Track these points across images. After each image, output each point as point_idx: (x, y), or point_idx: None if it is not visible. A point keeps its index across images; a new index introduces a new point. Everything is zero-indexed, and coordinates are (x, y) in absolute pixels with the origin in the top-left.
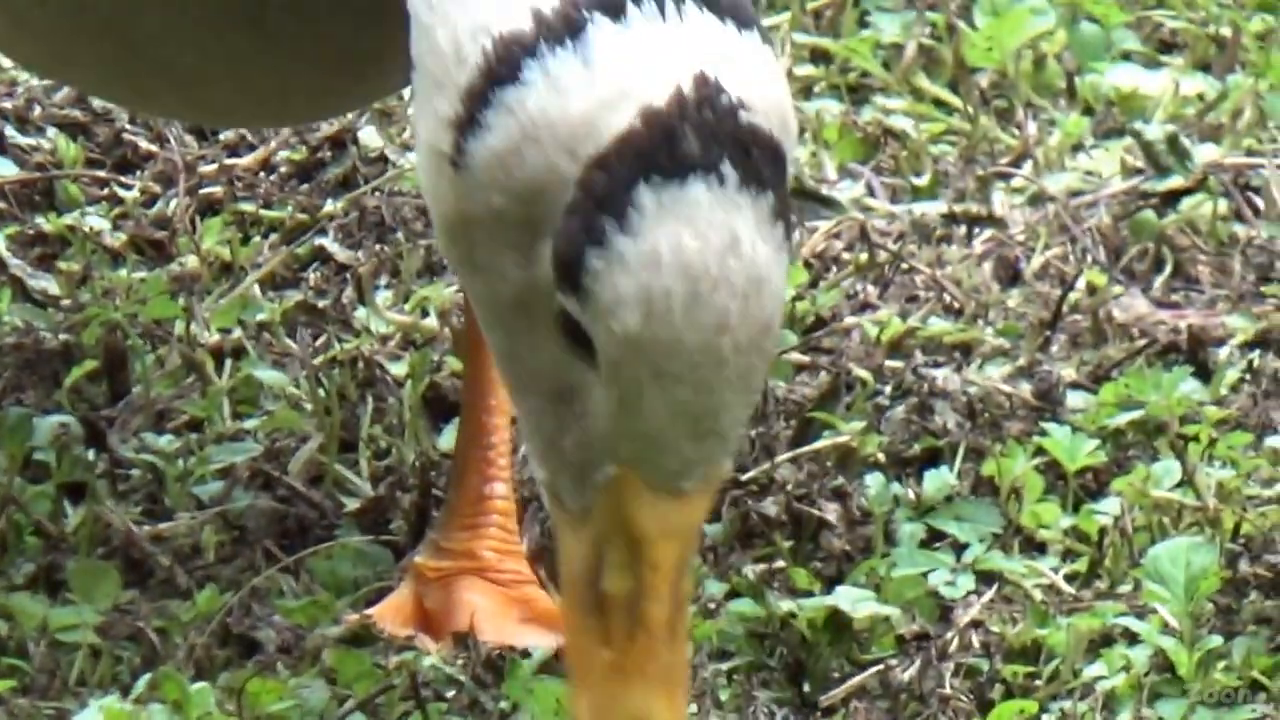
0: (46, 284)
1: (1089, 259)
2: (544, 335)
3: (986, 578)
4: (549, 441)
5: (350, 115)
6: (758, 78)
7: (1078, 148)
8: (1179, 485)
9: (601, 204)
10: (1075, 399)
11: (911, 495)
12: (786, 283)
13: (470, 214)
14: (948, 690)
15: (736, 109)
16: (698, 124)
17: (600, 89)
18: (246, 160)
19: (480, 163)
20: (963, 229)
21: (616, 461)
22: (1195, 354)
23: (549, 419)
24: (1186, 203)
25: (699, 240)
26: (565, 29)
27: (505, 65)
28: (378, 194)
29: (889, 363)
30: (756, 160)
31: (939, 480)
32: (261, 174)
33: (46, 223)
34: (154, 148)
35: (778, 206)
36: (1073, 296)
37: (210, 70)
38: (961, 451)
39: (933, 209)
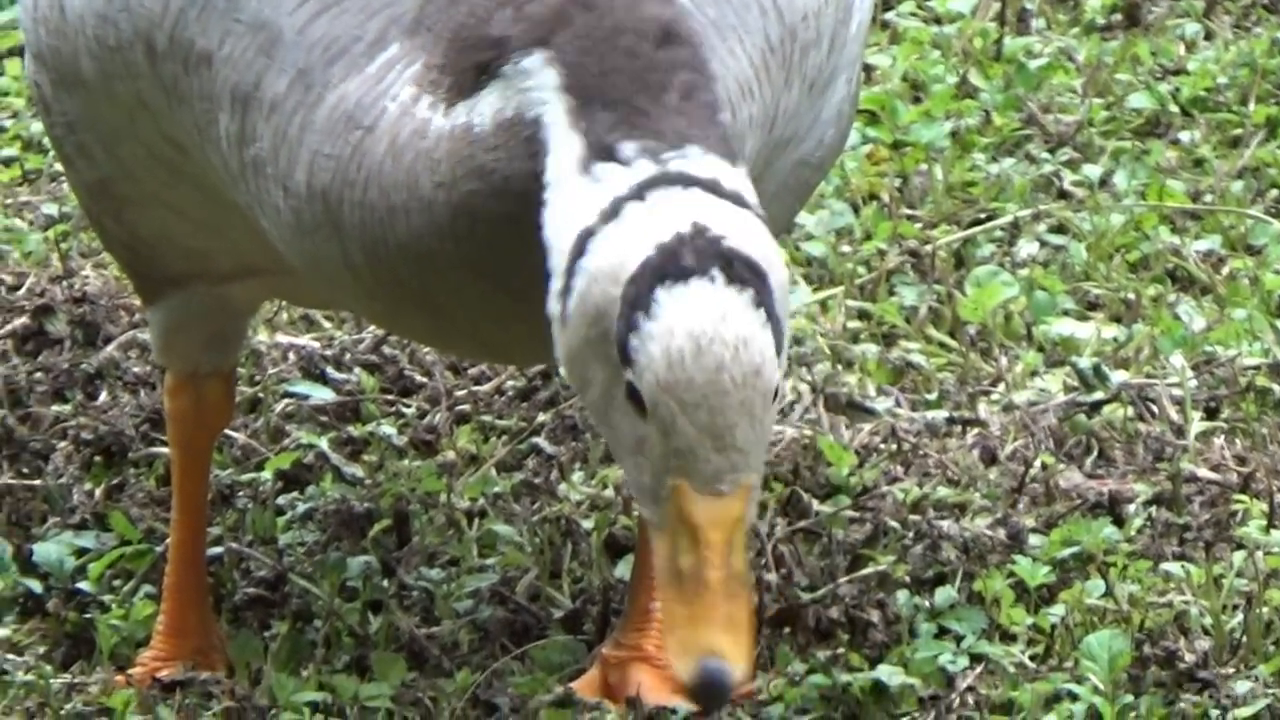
0: (355, 470)
1: (1042, 447)
2: (621, 409)
3: (977, 658)
4: (637, 482)
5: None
6: (740, 222)
7: (1034, 374)
8: (1103, 596)
9: (635, 304)
10: (1035, 540)
11: (927, 605)
12: (774, 351)
13: (573, 347)
14: None
15: (720, 239)
16: (693, 248)
17: (631, 239)
18: (486, 387)
19: (573, 309)
20: (959, 428)
21: (671, 476)
22: (1113, 509)
23: (634, 467)
24: (1106, 409)
25: (698, 316)
26: (612, 213)
27: (579, 245)
28: (573, 409)
29: (911, 517)
30: (738, 267)
31: (945, 594)
32: (496, 396)
33: (354, 430)
34: (425, 379)
35: (757, 298)
36: (1032, 472)
37: (496, 337)
38: (960, 575)
39: (939, 415)
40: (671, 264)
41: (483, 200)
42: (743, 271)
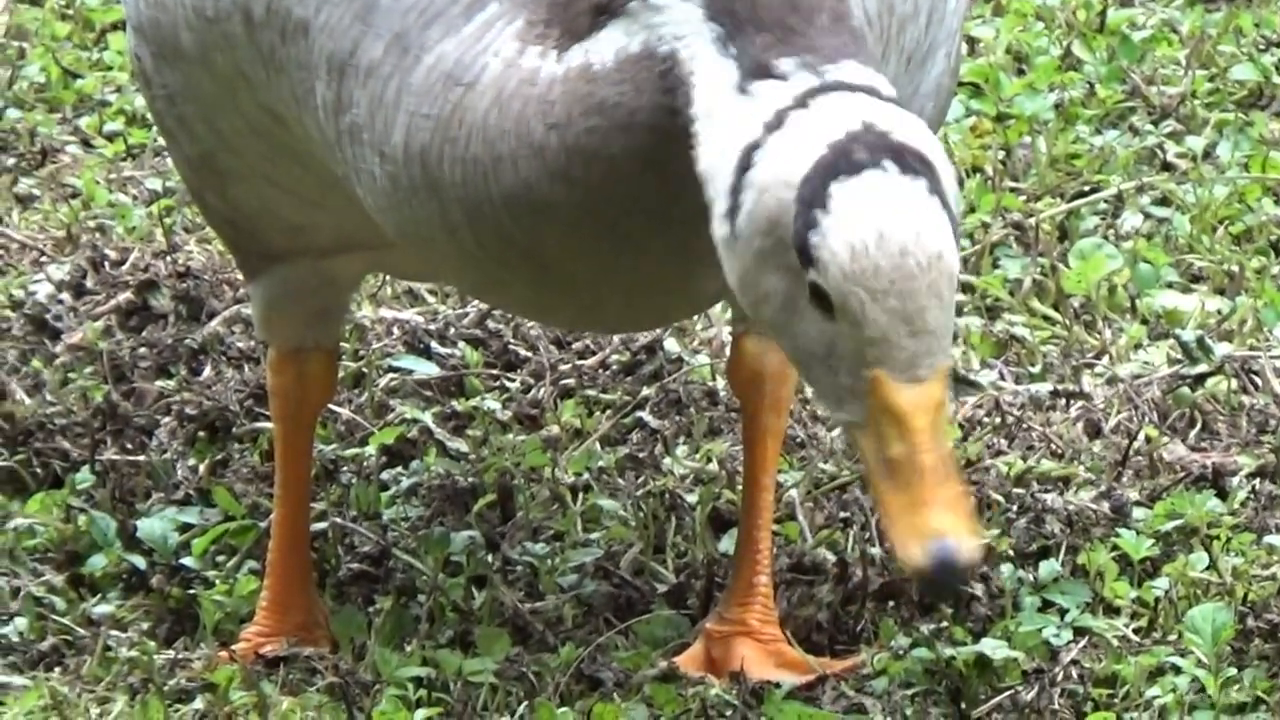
0: (459, 444)
1: (1146, 420)
2: (805, 316)
3: (1081, 632)
4: (831, 386)
5: (659, 330)
6: (905, 120)
7: (1138, 346)
8: (1207, 568)
9: (810, 203)
10: (1138, 513)
11: (1031, 578)
12: (952, 237)
13: (747, 264)
14: (1056, 706)
15: (889, 133)
16: (864, 143)
17: (800, 142)
18: (590, 361)
19: (743, 223)
20: (1063, 401)
21: (868, 368)
22: (1217, 482)
23: (825, 372)
24: (1210, 382)
25: (876, 205)
26: (776, 123)
27: (744, 160)
28: (677, 383)
29: (1015, 490)
30: (909, 159)
31: (1049, 568)
32: (600, 370)
33: (458, 405)
34: (529, 354)
35: (931, 187)
36: (1136, 445)
37: (600, 295)
38: (1063, 548)
39: (1043, 388)
40: (843, 159)
41: (602, 137)
42: (914, 163)
